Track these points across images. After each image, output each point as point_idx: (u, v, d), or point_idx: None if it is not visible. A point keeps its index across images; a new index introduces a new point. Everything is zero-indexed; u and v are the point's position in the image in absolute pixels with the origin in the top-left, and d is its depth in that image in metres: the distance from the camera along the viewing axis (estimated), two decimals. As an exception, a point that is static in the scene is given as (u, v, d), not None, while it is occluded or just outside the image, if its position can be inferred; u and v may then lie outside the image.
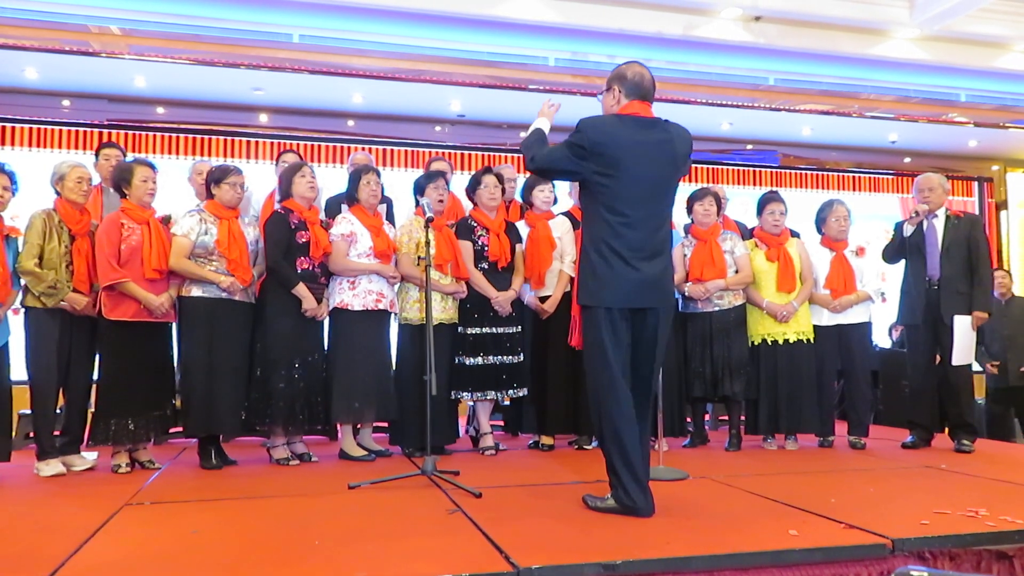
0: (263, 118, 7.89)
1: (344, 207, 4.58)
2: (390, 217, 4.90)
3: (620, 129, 2.93)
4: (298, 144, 7.53)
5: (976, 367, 5.06)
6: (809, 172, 9.46)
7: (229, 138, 7.73)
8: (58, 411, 4.12)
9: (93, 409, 4.05)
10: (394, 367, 4.47)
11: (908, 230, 4.82)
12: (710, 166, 9.05)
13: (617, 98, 3.02)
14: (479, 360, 4.48)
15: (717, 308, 4.76)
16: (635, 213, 2.90)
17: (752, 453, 4.64)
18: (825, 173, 9.53)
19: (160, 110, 7.61)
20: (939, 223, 4.81)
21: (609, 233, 2.90)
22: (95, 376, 4.12)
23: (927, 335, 4.77)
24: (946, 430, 4.92)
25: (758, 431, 4.82)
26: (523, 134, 3.26)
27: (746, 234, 5.22)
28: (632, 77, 3.01)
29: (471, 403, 4.64)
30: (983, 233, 4.86)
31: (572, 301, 3.11)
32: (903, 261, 4.95)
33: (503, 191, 4.71)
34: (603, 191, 2.92)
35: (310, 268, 4.20)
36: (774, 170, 9.30)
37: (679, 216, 5.28)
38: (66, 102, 7.36)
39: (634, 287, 2.89)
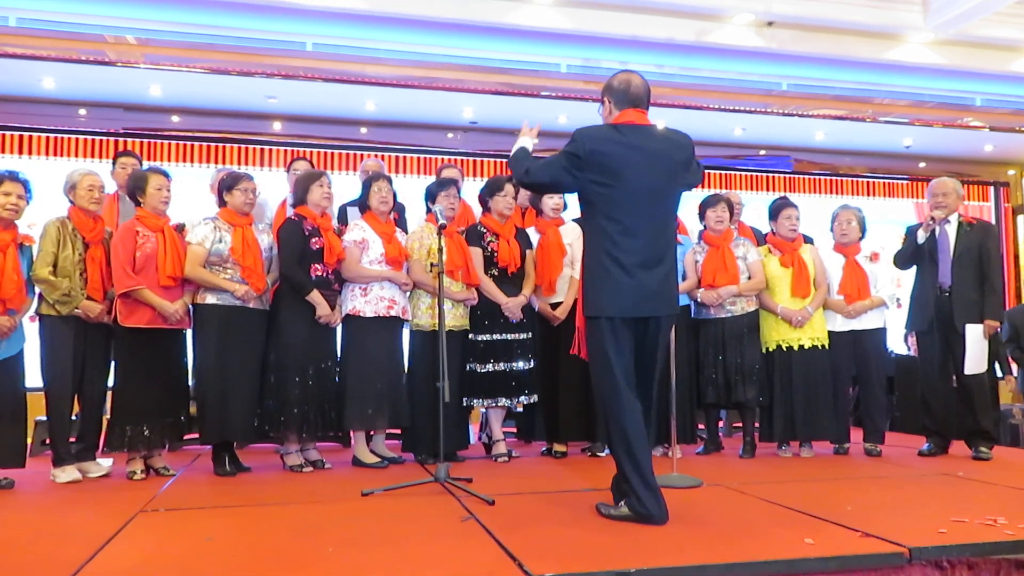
0: (277, 126, 7.94)
1: (350, 211, 4.59)
2: (402, 223, 4.91)
3: (615, 137, 2.94)
4: (311, 151, 7.60)
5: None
6: (823, 177, 9.41)
7: (243, 146, 7.78)
8: (73, 418, 4.15)
9: (108, 416, 4.08)
10: (406, 374, 4.48)
11: (921, 236, 4.76)
12: (723, 171, 9.02)
13: (609, 109, 3.05)
14: (490, 367, 4.48)
15: (730, 314, 4.74)
16: (633, 221, 2.90)
17: (766, 460, 4.61)
18: (839, 178, 9.48)
19: (175, 118, 7.67)
20: (952, 229, 4.75)
21: (608, 242, 2.90)
22: (110, 383, 4.14)
23: (939, 342, 4.71)
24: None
25: (773, 438, 4.79)
26: (536, 141, 3.26)
27: (761, 240, 5.19)
28: (619, 86, 3.02)
29: (483, 410, 4.63)
30: (996, 241, 4.79)
31: (577, 311, 3.13)
32: (915, 267, 4.90)
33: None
34: (601, 200, 2.92)
35: (324, 275, 4.21)
36: (787, 175, 9.26)
37: (692, 222, 5.29)
38: (82, 111, 7.43)
39: (634, 296, 2.89)
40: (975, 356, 4.58)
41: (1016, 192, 9.93)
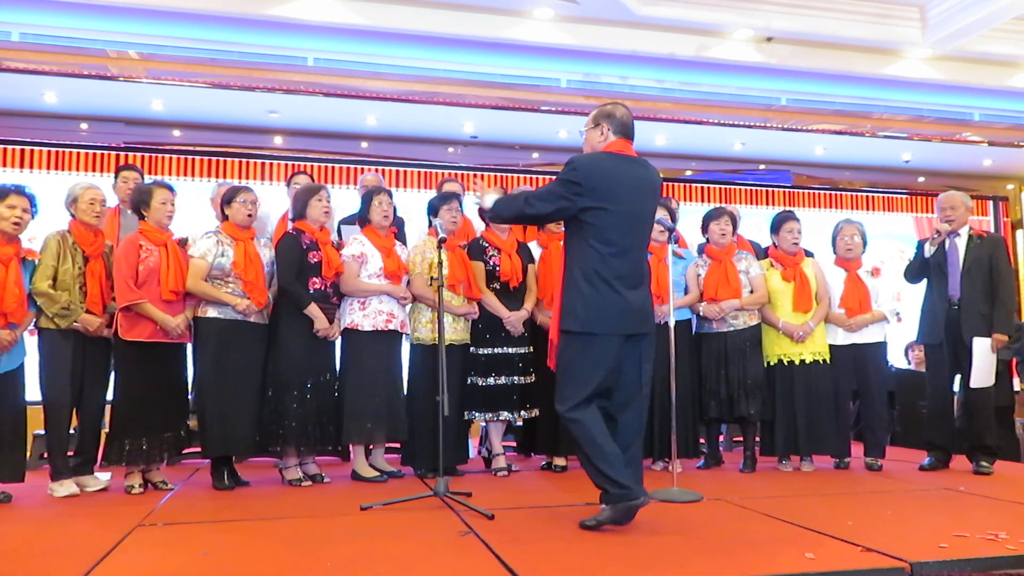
0: (278, 140, 7.97)
1: (344, 229, 4.59)
2: (401, 237, 4.93)
3: (610, 165, 3.11)
4: (312, 165, 7.62)
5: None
6: (822, 192, 9.44)
7: (244, 160, 7.81)
8: (72, 432, 4.14)
9: (107, 429, 4.07)
10: (406, 388, 4.47)
11: (929, 250, 4.75)
12: (723, 186, 9.04)
13: (605, 135, 3.20)
14: (491, 380, 4.47)
15: (732, 328, 4.74)
16: (624, 243, 3.07)
17: (767, 475, 4.60)
18: (838, 193, 9.51)
19: (176, 133, 7.70)
20: (961, 242, 4.73)
21: (599, 262, 3.03)
22: (109, 396, 4.14)
23: (947, 355, 4.70)
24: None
25: (774, 452, 4.77)
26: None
27: (760, 254, 5.20)
28: (620, 117, 3.20)
29: (483, 424, 4.62)
30: (1006, 254, 4.76)
31: (552, 324, 3.19)
32: (925, 280, 4.89)
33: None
34: (595, 223, 3.04)
35: (322, 288, 4.22)
36: (787, 190, 9.28)
37: (692, 236, 5.30)
38: (84, 125, 7.46)
39: (624, 314, 3.04)
40: (982, 370, 4.56)
41: (1015, 206, 9.95)
